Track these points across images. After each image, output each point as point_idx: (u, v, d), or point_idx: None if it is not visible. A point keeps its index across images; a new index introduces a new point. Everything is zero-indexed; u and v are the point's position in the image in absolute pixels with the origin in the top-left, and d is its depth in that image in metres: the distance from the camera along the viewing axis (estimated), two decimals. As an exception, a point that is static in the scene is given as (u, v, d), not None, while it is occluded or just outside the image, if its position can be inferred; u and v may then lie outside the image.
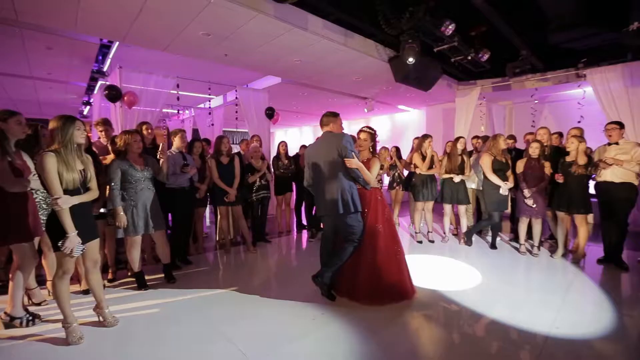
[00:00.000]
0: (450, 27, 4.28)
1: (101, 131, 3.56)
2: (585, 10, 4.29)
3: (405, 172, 5.58)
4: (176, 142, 3.71)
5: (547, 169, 3.99)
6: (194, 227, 4.33)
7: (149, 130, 3.84)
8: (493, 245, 4.50)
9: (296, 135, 14.95)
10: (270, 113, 6.81)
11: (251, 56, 4.94)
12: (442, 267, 3.89)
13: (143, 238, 3.24)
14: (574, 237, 4.26)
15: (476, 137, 5.28)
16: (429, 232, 4.95)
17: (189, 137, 5.20)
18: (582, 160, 3.72)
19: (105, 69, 5.93)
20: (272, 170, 5.14)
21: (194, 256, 4.27)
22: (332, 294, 2.95)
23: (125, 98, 4.88)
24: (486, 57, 5.19)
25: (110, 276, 3.42)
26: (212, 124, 7.69)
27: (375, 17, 4.23)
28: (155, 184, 3.21)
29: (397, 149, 5.67)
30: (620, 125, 3.75)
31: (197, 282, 3.45)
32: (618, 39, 4.27)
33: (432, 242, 4.84)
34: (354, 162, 2.69)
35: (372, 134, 3.15)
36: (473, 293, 3.15)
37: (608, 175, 3.68)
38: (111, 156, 3.22)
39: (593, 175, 3.83)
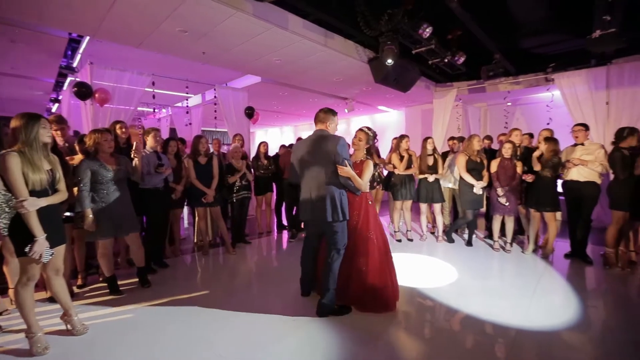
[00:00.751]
0: (427, 30, 4.38)
1: (56, 130, 3.13)
2: (554, 17, 4.50)
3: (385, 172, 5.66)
4: (149, 141, 3.59)
5: (519, 168, 4.15)
6: (171, 229, 4.21)
7: (123, 130, 3.69)
8: (469, 243, 4.65)
9: (277, 135, 14.87)
10: (250, 112, 6.73)
11: (230, 55, 4.86)
12: (420, 264, 3.97)
13: (117, 241, 3.12)
14: (544, 234, 4.47)
15: (452, 138, 5.43)
16: (407, 230, 5.05)
17: (167, 137, 5.05)
18: (536, 166, 4.01)
19: (74, 64, 5.67)
20: (252, 170, 5.07)
21: (170, 259, 4.15)
22: (345, 307, 2.74)
23: (97, 95, 4.68)
24: (462, 60, 5.34)
25: (80, 282, 3.27)
26: (190, 123, 7.51)
27: (355, 18, 4.27)
28: (129, 185, 3.09)
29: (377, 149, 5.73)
30: (586, 127, 3.97)
31: (173, 285, 3.36)
32: (583, 46, 4.50)
33: (411, 240, 4.93)
34: (346, 171, 2.52)
35: (370, 135, 3.01)
36: (450, 289, 3.23)
37: (574, 174, 3.89)
38: (79, 156, 3.07)
39: (561, 175, 4.03)
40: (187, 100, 6.90)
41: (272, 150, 5.81)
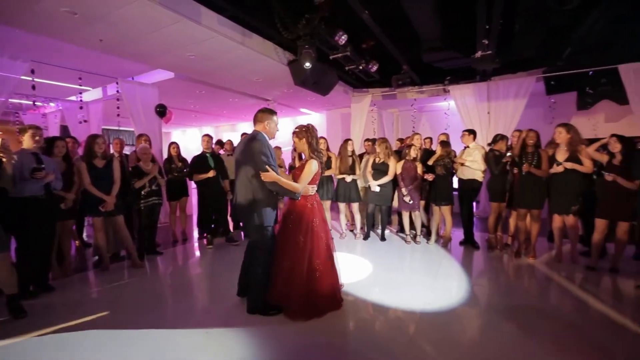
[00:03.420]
0: (343, 37, 4.59)
1: None
2: (448, 37, 5.16)
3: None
4: (26, 140, 2.98)
5: (419, 169, 4.64)
6: (59, 245, 3.58)
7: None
8: (382, 238, 5.02)
9: (196, 136, 13.93)
10: (161, 111, 6.16)
11: (134, 45, 4.36)
12: (340, 262, 4.12)
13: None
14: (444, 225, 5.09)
15: (367, 140, 5.81)
16: (328, 229, 5.22)
17: (56, 135, 4.27)
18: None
19: None
20: (164, 174, 4.63)
21: (58, 280, 3.52)
22: (274, 307, 2.68)
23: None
24: (375, 68, 5.74)
25: None
26: (85, 121, 6.51)
27: (273, 19, 4.24)
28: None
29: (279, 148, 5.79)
30: (471, 132, 4.67)
31: (60, 311, 2.85)
32: (470, 64, 5.27)
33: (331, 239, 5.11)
34: (268, 176, 2.46)
35: (304, 131, 2.80)
36: (366, 282, 3.45)
37: (461, 173, 4.58)
38: None
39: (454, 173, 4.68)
40: (80, 93, 5.95)
41: (193, 152, 5.37)
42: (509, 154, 4.18)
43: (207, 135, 4.86)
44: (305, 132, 2.79)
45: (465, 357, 2.20)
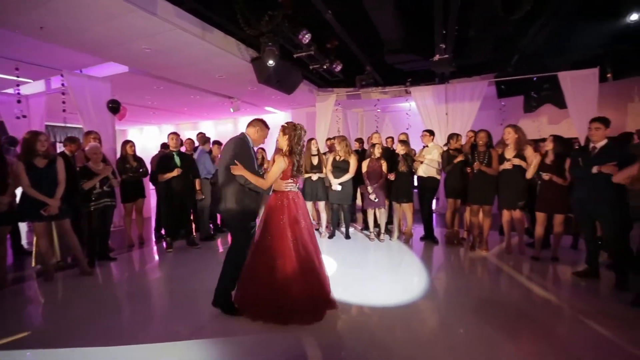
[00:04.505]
0: (306, 36, 4.58)
1: None
2: (407, 40, 5.34)
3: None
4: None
5: (385, 168, 4.77)
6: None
7: None
8: (347, 236, 5.11)
9: (155, 134, 13.22)
10: (114, 107, 5.76)
11: (80, 35, 4.04)
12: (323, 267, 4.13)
13: None
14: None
15: (329, 138, 5.87)
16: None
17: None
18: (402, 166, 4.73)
19: None
20: (117, 174, 4.33)
21: (-8, 293, 3.17)
22: (234, 309, 2.65)
23: None
24: (339, 68, 5.79)
25: None
26: (24, 116, 5.92)
27: (235, 14, 4.12)
28: None
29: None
30: (430, 132, 4.89)
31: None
32: (429, 66, 5.50)
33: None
34: (236, 170, 2.55)
35: (291, 128, 2.73)
36: (331, 280, 3.46)
37: (420, 171, 4.79)
38: None
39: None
40: (18, 86, 5.38)
41: (151, 151, 5.08)
42: (462, 153, 4.44)
43: (174, 133, 4.60)
44: (290, 130, 2.74)
45: (426, 347, 2.29)
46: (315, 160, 5.00)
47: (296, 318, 2.49)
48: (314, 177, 4.93)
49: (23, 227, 5.23)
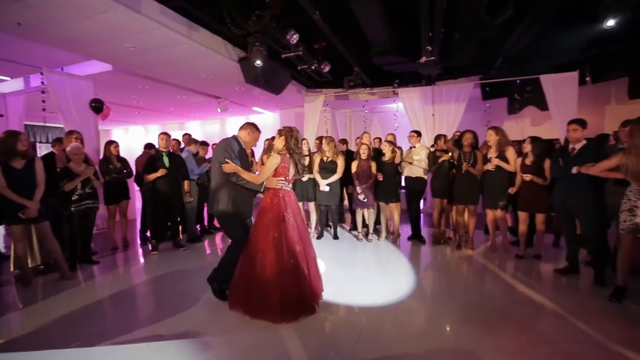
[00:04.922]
0: (294, 36, 4.57)
1: None
2: (395, 42, 5.40)
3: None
4: None
5: (374, 168, 4.81)
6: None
7: None
8: (335, 236, 5.12)
9: (140, 134, 12.96)
10: (97, 106, 5.62)
11: (60, 32, 3.91)
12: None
13: None
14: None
15: (318, 138, 5.87)
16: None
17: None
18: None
19: None
20: (100, 175, 4.23)
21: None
22: (224, 295, 2.88)
23: None
24: (327, 69, 5.81)
25: None
26: (1, 115, 5.72)
27: (222, 13, 4.08)
28: None
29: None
30: (418, 133, 4.95)
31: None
32: (416, 68, 5.57)
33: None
34: (227, 167, 2.70)
35: (287, 130, 2.84)
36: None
37: (408, 171, 4.85)
38: None
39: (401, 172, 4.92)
40: (-5, 84, 5.20)
41: (137, 151, 4.97)
42: (449, 154, 4.52)
43: (164, 133, 4.51)
44: (286, 132, 2.86)
45: (414, 344, 2.31)
46: (305, 161, 4.99)
47: (264, 314, 2.53)
48: (304, 177, 4.92)
49: (0, 230, 5.05)
